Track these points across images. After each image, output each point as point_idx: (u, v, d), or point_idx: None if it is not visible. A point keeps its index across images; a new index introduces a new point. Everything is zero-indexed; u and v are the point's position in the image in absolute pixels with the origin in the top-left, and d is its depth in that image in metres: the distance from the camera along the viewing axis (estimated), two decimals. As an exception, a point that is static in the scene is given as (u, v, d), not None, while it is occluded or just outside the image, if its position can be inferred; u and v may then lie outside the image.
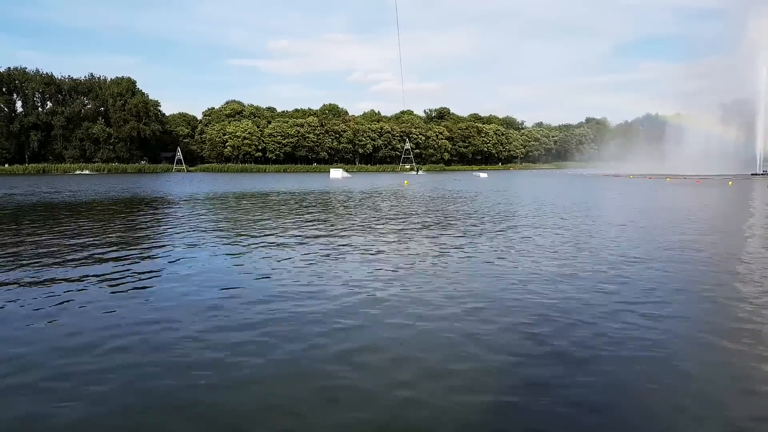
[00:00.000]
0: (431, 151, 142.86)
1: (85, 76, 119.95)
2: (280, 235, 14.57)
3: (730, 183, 50.29)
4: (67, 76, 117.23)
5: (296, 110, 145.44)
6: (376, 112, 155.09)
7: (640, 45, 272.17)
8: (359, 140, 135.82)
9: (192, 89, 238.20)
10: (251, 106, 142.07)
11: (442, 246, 12.44)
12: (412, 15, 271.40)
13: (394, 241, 13.27)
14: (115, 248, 12.27)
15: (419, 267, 9.92)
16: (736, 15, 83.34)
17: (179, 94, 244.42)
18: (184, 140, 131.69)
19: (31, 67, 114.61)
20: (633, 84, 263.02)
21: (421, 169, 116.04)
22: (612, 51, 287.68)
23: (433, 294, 7.84)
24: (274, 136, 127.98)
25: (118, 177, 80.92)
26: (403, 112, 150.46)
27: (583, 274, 9.21)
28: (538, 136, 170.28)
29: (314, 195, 34.37)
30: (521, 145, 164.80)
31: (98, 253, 11.46)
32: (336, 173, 76.79)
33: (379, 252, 11.61)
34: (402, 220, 18.37)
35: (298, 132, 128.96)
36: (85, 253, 11.43)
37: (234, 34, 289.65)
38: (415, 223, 17.41)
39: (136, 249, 12.24)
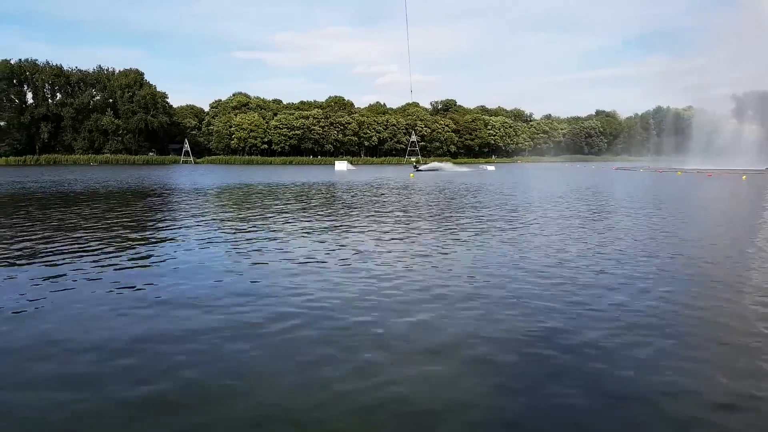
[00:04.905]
0: (437, 144, 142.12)
1: (93, 68, 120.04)
2: (283, 227, 14.42)
3: (743, 177, 49.32)
4: (75, 68, 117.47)
5: (302, 102, 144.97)
6: (382, 104, 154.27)
7: (648, 37, 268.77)
8: (364, 132, 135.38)
9: (198, 82, 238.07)
10: (257, 98, 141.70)
11: (447, 237, 12.23)
12: (416, 7, 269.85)
13: (403, 234, 13.07)
14: (116, 238, 12.15)
15: (424, 259, 9.74)
16: (748, 5, 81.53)
17: (185, 87, 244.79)
18: (192, 132, 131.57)
19: (40, 59, 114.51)
20: (643, 77, 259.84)
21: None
22: (621, 44, 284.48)
23: (437, 284, 7.64)
24: (279, 129, 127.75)
25: (126, 168, 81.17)
26: (408, 105, 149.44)
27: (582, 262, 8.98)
28: (547, 128, 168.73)
29: (319, 187, 34.22)
30: (529, 137, 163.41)
31: (96, 244, 11.34)
32: (341, 165, 76.45)
33: (384, 244, 11.42)
34: (408, 213, 18.15)
35: (304, 124, 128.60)
36: (84, 245, 11.32)
37: (237, 26, 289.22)
38: (420, 216, 17.20)
39: (137, 240, 12.11)
